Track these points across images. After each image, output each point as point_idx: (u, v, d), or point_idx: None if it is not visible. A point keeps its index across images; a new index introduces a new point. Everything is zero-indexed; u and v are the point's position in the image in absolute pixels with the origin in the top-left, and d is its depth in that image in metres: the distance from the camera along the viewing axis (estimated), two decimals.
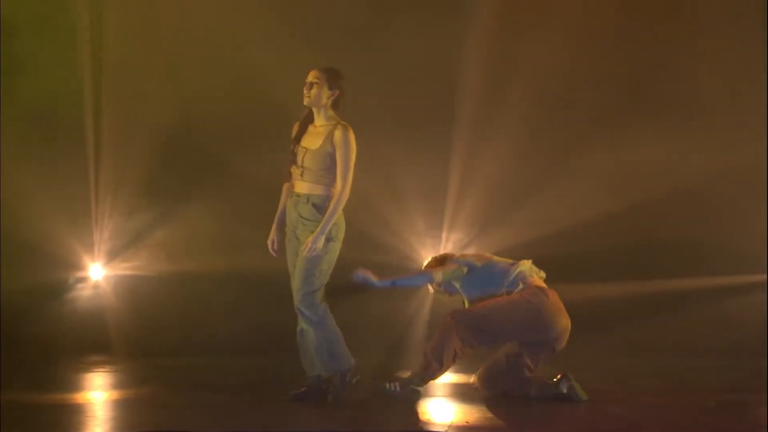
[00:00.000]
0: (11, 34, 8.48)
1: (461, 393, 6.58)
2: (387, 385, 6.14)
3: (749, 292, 8.32)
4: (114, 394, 6.57)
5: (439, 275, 6.43)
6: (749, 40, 8.56)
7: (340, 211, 6.06)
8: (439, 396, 6.63)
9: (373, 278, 6.33)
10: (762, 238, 8.41)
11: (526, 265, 6.42)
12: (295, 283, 6.07)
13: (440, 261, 6.63)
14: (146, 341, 8.36)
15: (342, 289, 6.32)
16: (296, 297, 6.06)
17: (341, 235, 6.13)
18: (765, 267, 8.28)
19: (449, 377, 7.36)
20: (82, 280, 8.79)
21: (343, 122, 6.15)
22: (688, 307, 8.54)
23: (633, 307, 8.46)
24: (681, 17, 8.71)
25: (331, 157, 6.05)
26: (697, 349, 8.12)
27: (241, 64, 8.64)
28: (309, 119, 6.19)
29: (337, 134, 6.04)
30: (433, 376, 6.19)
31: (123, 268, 8.87)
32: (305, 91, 6.13)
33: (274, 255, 6.31)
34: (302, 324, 6.11)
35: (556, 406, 6.07)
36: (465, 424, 5.48)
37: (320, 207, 6.03)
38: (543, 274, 6.48)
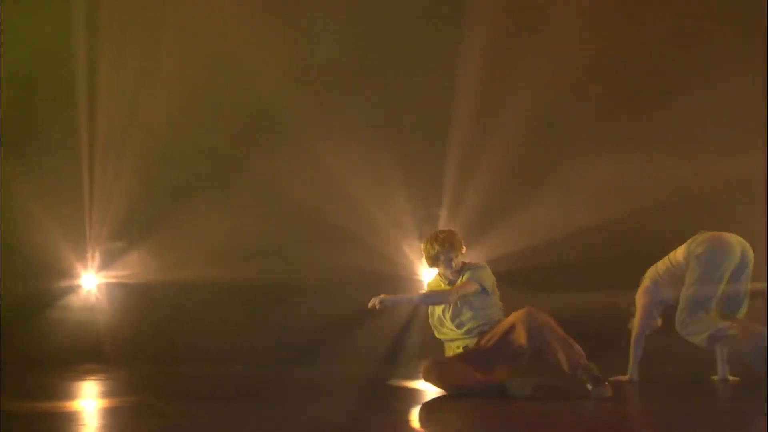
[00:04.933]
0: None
1: (451, 400, 6.59)
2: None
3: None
4: (106, 402, 6.56)
5: (455, 296, 6.62)
6: (744, 50, 8.56)
7: None
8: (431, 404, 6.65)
9: (396, 298, 6.66)
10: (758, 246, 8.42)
11: None
12: None
13: (435, 258, 6.74)
14: (139, 350, 8.35)
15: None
16: None
17: None
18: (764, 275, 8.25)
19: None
20: (75, 288, 8.78)
21: None
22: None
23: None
24: (673, 29, 8.73)
25: None
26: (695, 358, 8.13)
27: (234, 71, 8.67)
28: None
29: None
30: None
31: (116, 277, 8.87)
32: None
33: None
34: None
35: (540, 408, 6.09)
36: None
37: None
38: None
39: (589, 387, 6.27)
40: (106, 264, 8.85)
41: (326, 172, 8.72)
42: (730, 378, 7.29)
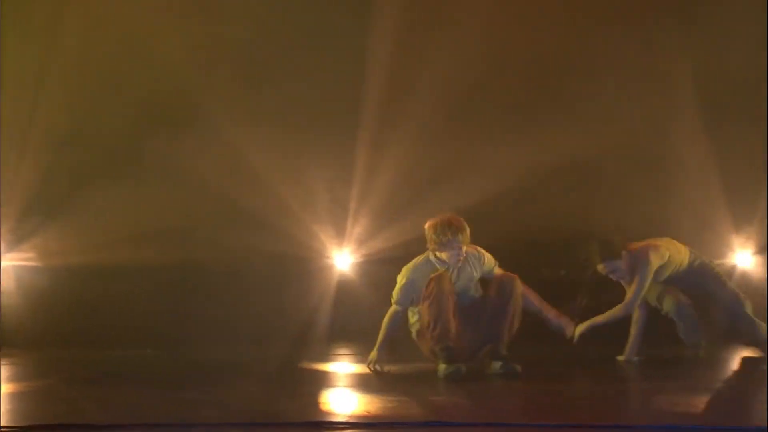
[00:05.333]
0: None
1: (363, 384, 6.61)
2: None
3: None
4: (10, 387, 6.42)
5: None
6: (653, 37, 8.71)
7: None
8: (341, 386, 6.66)
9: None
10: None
11: None
12: None
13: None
14: (44, 334, 8.22)
15: None
16: None
17: None
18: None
19: (351, 367, 7.41)
20: None
21: None
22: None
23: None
24: (588, 12, 8.83)
25: None
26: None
27: (138, 52, 8.55)
28: None
29: None
30: None
31: (20, 260, 8.70)
32: None
33: None
34: None
35: (459, 391, 6.15)
36: (366, 414, 5.49)
37: None
38: None
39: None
40: (9, 247, 8.66)
41: (234, 154, 8.65)
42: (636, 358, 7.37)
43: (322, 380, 6.89)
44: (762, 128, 8.29)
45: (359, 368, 7.17)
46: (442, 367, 6.57)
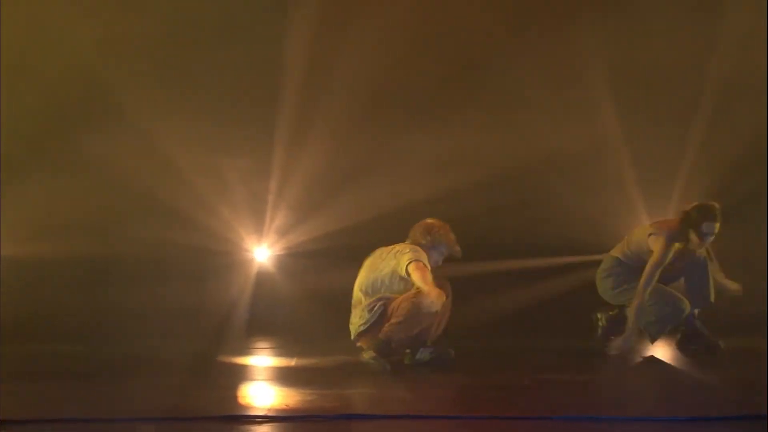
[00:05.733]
0: None
1: (282, 377, 6.62)
2: None
3: (570, 272, 8.56)
4: None
5: None
6: (569, 25, 8.82)
7: None
8: (260, 380, 6.65)
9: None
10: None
11: None
12: None
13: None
14: None
15: None
16: None
17: None
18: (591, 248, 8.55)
19: (269, 360, 7.41)
20: None
21: None
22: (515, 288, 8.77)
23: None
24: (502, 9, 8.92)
25: None
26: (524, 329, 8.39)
27: (58, 42, 8.42)
28: None
29: None
30: None
31: None
32: None
33: None
34: None
35: (379, 385, 6.19)
36: (285, 407, 5.50)
37: None
38: None
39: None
40: None
41: (151, 147, 8.56)
42: None
43: (240, 374, 6.86)
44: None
45: (278, 361, 7.17)
46: (374, 362, 6.61)
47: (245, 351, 7.87)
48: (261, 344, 8.24)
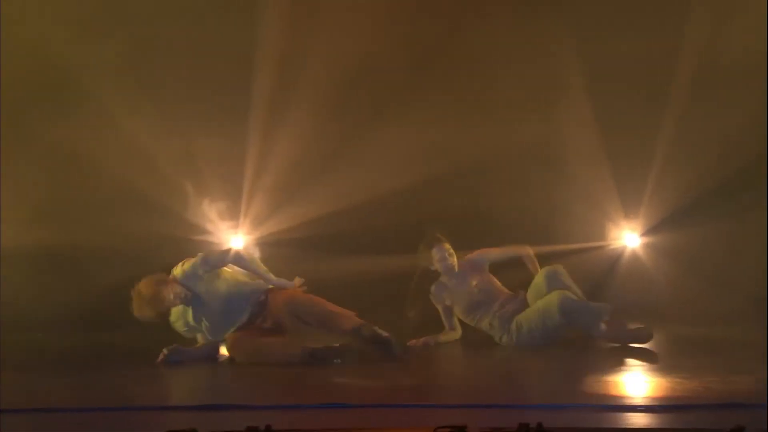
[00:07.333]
0: None
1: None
2: None
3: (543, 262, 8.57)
4: None
5: None
6: (538, 18, 8.82)
7: None
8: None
9: None
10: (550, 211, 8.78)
11: None
12: None
13: None
14: None
15: None
16: None
17: None
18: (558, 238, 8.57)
19: None
20: None
21: None
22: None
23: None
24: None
25: None
26: None
27: (20, 25, 8.35)
28: None
29: None
30: None
31: None
32: None
33: None
34: None
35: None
36: None
37: None
38: None
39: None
40: None
41: (121, 132, 8.52)
42: None
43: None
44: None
45: None
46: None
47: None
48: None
